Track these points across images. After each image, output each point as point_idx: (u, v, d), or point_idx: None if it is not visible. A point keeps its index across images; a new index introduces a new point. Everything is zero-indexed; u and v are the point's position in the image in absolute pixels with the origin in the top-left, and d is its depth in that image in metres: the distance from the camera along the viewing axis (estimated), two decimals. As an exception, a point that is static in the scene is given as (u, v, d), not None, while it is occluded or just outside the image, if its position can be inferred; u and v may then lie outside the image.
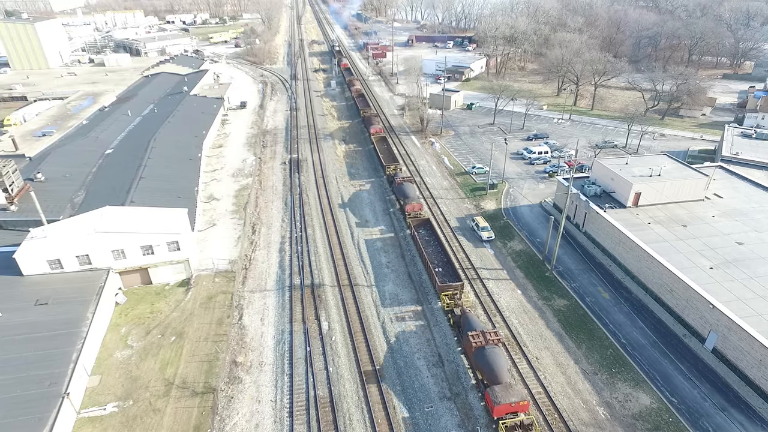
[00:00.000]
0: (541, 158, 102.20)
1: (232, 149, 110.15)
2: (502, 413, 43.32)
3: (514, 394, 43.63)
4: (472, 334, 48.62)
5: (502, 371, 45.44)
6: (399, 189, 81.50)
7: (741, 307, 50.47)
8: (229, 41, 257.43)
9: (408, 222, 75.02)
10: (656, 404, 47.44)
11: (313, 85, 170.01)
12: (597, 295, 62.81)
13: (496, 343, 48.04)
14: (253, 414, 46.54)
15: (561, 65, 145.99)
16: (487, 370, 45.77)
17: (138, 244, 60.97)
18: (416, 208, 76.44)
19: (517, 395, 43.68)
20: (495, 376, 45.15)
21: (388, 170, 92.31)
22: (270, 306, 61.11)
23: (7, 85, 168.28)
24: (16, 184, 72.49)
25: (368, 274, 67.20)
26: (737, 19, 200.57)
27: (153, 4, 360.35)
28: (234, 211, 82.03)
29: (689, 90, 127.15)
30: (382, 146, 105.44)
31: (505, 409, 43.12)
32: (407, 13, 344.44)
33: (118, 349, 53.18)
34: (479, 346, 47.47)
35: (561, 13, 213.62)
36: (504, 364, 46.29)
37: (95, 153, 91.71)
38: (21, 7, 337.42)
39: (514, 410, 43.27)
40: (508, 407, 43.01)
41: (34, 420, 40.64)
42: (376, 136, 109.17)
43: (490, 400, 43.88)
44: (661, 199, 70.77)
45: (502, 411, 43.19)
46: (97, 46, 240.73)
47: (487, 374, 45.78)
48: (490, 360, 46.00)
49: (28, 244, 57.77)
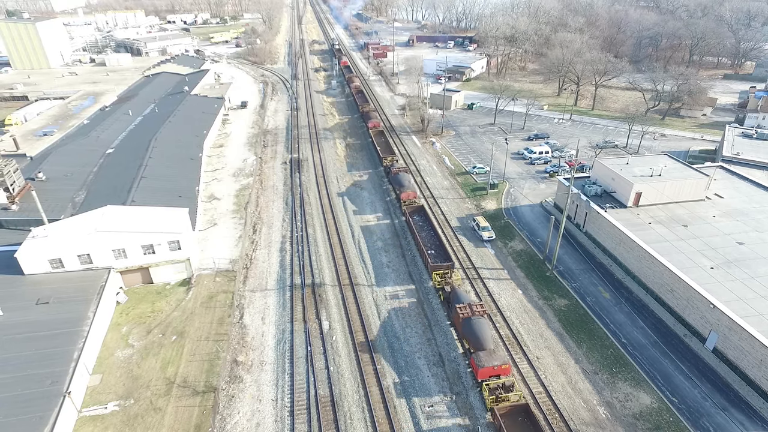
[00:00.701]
0: (542, 158, 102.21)
1: (232, 149, 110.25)
2: (485, 376, 46.85)
3: (497, 359, 47.37)
4: (460, 307, 52.31)
5: (486, 338, 49.28)
6: (395, 178, 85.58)
7: (742, 306, 50.48)
8: (229, 41, 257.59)
9: (403, 209, 78.00)
10: (657, 404, 47.46)
11: (314, 84, 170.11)
12: (598, 295, 62.84)
13: (482, 314, 51.74)
14: (254, 413, 46.60)
15: (562, 65, 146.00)
16: (472, 339, 49.49)
17: (139, 243, 61.05)
18: (411, 196, 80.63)
19: (500, 359, 47.42)
20: (480, 343, 48.96)
21: (385, 161, 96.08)
22: (271, 305, 61.18)
23: (8, 84, 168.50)
24: (17, 184, 72.58)
25: (369, 274, 67.27)
26: (738, 20, 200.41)
27: (154, 4, 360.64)
28: (235, 211, 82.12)
29: (690, 90, 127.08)
30: (380, 139, 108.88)
31: (489, 372, 46.80)
32: (408, 13, 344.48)
33: (119, 348, 53.26)
34: (466, 317, 51.11)
35: (562, 13, 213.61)
36: (488, 333, 50.02)
37: (96, 152, 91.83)
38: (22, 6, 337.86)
39: (496, 373, 47.01)
40: (491, 370, 46.73)
41: (35, 419, 40.73)
42: (374, 130, 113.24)
43: (475, 364, 47.49)
44: (661, 199, 70.77)
45: (486, 374, 46.84)
46: (98, 46, 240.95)
47: (472, 342, 49.50)
48: (476, 329, 49.71)
49: (30, 243, 57.85)
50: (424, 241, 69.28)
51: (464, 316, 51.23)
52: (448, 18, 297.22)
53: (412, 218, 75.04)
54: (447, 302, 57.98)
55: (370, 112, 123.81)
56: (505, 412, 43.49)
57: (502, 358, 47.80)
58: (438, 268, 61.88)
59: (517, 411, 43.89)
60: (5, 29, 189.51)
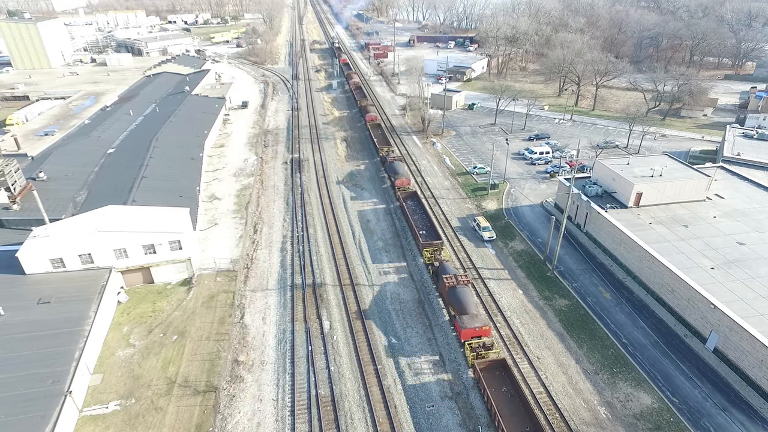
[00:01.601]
0: (543, 158, 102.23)
1: (233, 149, 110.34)
2: (468, 336, 51.60)
3: (478, 321, 52.07)
4: (446, 277, 57.24)
5: (469, 304, 54.10)
6: (390, 167, 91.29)
7: (742, 307, 50.48)
8: (230, 41, 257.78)
9: (397, 194, 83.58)
10: (657, 404, 47.48)
11: (315, 84, 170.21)
12: (598, 295, 62.85)
13: (466, 283, 56.71)
14: (255, 413, 46.66)
15: (562, 66, 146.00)
16: (457, 304, 54.45)
17: (140, 243, 61.14)
18: (405, 182, 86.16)
19: (480, 321, 52.17)
20: (463, 308, 53.67)
21: (381, 152, 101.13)
22: (271, 305, 61.23)
23: (9, 84, 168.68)
24: (18, 184, 72.67)
25: (370, 274, 67.33)
26: (739, 20, 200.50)
27: (155, 4, 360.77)
28: (235, 211, 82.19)
29: (691, 90, 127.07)
30: (377, 132, 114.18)
31: (471, 333, 51.49)
32: (408, 13, 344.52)
33: (120, 348, 53.33)
34: (452, 286, 56.03)
35: (562, 14, 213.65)
36: (471, 299, 54.85)
37: (97, 152, 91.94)
38: (23, 6, 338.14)
39: (478, 334, 51.75)
40: (472, 331, 51.42)
41: (36, 418, 40.82)
42: (371, 123, 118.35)
43: (458, 326, 52.26)
44: (662, 200, 70.78)
45: (468, 335, 51.59)
46: (99, 46, 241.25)
47: (457, 307, 54.34)
48: (460, 296, 54.78)
49: (31, 243, 57.94)
50: (416, 222, 74.74)
51: (450, 285, 56.10)
52: (448, 18, 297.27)
53: (406, 203, 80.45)
54: (435, 275, 62.61)
55: (367, 106, 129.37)
56: (484, 366, 48.13)
57: (483, 320, 52.33)
58: (428, 246, 67.07)
59: (495, 366, 48.70)
60: (6, 29, 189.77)
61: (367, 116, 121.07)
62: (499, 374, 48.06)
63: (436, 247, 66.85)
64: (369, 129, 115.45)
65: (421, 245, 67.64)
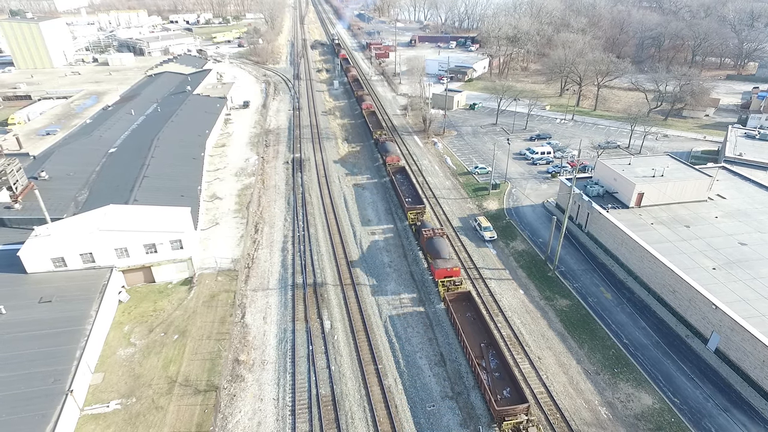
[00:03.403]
0: (544, 158, 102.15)
1: (235, 148, 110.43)
2: (441, 276, 60.86)
3: (450, 263, 61.56)
4: (425, 230, 67.68)
5: (442, 250, 63.86)
6: (382, 146, 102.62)
7: (744, 307, 50.39)
8: (232, 41, 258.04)
9: (388, 169, 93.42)
10: (658, 405, 47.40)
11: (316, 84, 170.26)
12: (599, 296, 62.77)
13: (441, 235, 67.39)
14: (256, 412, 46.68)
15: (564, 66, 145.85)
16: (432, 251, 64.32)
17: (141, 242, 61.22)
18: (394, 159, 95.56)
19: (452, 264, 61.58)
20: (438, 254, 63.45)
21: (375, 135, 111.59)
22: (272, 304, 61.26)
23: (11, 84, 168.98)
24: (20, 183, 72.68)
25: (370, 274, 67.32)
26: (741, 20, 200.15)
27: (157, 4, 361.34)
28: (237, 210, 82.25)
29: (692, 91, 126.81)
30: (372, 119, 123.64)
31: (443, 273, 60.78)
32: (410, 13, 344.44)
33: (121, 347, 53.41)
34: (429, 237, 66.46)
35: (564, 14, 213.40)
36: (445, 247, 64.44)
37: (99, 152, 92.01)
38: (25, 6, 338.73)
39: (449, 274, 60.92)
40: (445, 271, 60.79)
41: (37, 416, 40.90)
42: (366, 110, 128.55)
43: (433, 268, 61.99)
44: (664, 200, 70.69)
45: (442, 274, 60.83)
46: (101, 46, 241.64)
47: (432, 254, 64.08)
48: (435, 244, 64.78)
49: (32, 242, 58.05)
50: (403, 192, 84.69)
51: (427, 236, 66.56)
52: (450, 18, 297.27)
53: (395, 176, 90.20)
54: (417, 232, 71.81)
55: (363, 96, 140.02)
56: (453, 298, 57.54)
57: (453, 263, 61.90)
58: (412, 209, 77.05)
59: (462, 297, 57.99)
60: (9, 29, 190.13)
61: (363, 104, 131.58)
62: (465, 304, 57.47)
63: (419, 210, 76.94)
64: (365, 116, 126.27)
65: (406, 209, 77.77)
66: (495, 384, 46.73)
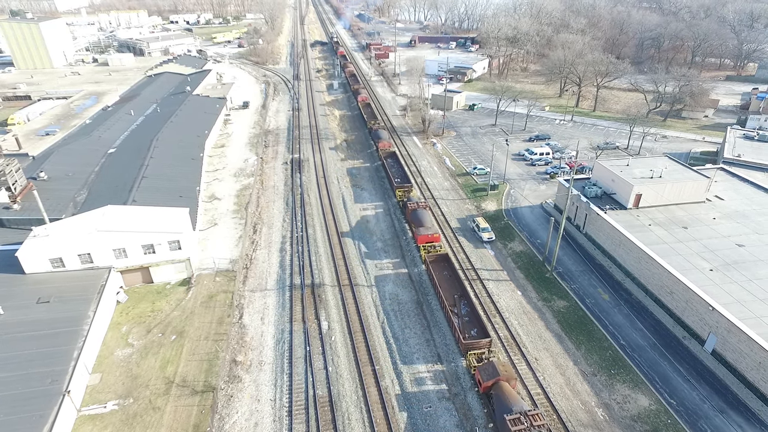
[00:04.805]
0: (543, 159, 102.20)
1: (234, 149, 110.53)
2: (423, 241, 68.82)
3: (430, 230, 69.82)
4: (410, 204, 76.72)
5: (425, 220, 72.51)
6: (375, 134, 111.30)
7: (740, 309, 50.44)
8: (232, 41, 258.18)
9: (379, 154, 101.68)
10: (655, 406, 47.46)
11: (316, 85, 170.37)
12: (597, 297, 62.83)
13: (424, 207, 76.55)
14: (253, 413, 46.76)
15: (563, 66, 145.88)
16: (416, 221, 72.74)
17: (139, 243, 61.31)
18: (386, 145, 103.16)
19: (432, 231, 70.01)
20: (420, 223, 71.90)
21: (369, 125, 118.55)
22: (270, 305, 61.35)
23: (11, 84, 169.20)
24: (19, 183, 72.91)
25: (368, 275, 67.43)
26: (741, 21, 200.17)
27: (157, 4, 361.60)
28: (235, 211, 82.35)
29: (692, 92, 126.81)
30: (367, 110, 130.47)
31: (425, 239, 68.81)
32: (410, 13, 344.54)
33: (118, 348, 53.49)
34: (413, 209, 75.52)
35: (564, 14, 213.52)
36: (427, 218, 73.55)
37: (98, 152, 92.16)
38: (26, 6, 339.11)
39: (430, 240, 69.00)
40: (426, 237, 68.80)
41: (35, 417, 40.97)
42: (362, 103, 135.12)
43: (416, 235, 69.67)
44: (661, 201, 70.73)
45: (423, 240, 68.83)
46: (101, 46, 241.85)
47: (416, 223, 72.32)
48: (419, 215, 73.72)
49: (31, 242, 58.14)
50: (393, 174, 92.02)
51: (412, 208, 75.73)
52: (450, 19, 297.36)
53: (386, 161, 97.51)
54: (404, 206, 80.00)
55: (359, 89, 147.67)
56: (432, 260, 65.17)
57: (434, 230, 70.64)
58: (400, 188, 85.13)
59: (440, 258, 65.66)
60: (8, 29, 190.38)
61: (359, 97, 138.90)
62: (442, 264, 64.99)
63: (406, 188, 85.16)
64: (360, 108, 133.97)
65: (395, 187, 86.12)
66: (464, 326, 54.87)
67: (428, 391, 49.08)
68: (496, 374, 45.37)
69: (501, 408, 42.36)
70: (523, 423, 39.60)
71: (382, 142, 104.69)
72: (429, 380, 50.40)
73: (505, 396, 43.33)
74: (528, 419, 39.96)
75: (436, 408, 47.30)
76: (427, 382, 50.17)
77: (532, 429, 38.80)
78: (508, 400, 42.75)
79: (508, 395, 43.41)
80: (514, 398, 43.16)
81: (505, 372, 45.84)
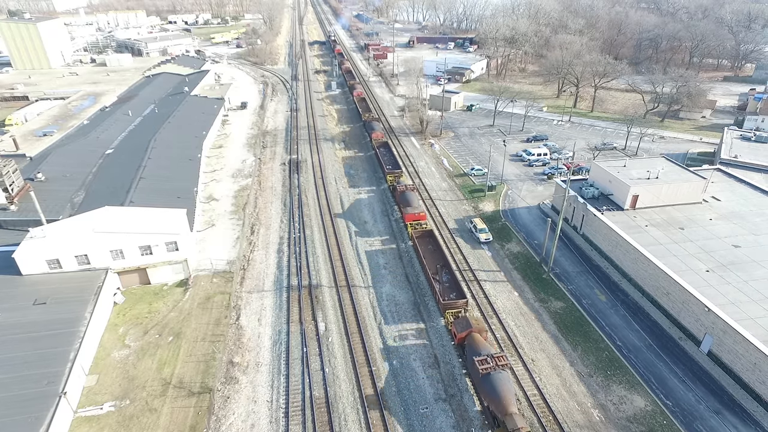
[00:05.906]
0: (540, 160, 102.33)
1: (232, 150, 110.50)
2: (410, 220, 74.76)
3: (417, 210, 75.73)
4: (399, 187, 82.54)
5: (412, 201, 78.08)
6: (368, 125, 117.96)
7: (736, 310, 50.64)
8: (230, 42, 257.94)
9: (373, 144, 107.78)
10: (651, 407, 47.57)
11: (314, 86, 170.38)
12: (593, 298, 62.94)
13: (412, 189, 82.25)
14: (249, 414, 46.79)
15: (561, 67, 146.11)
16: (404, 202, 78.39)
17: (136, 244, 61.30)
18: (379, 136, 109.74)
19: (418, 210, 75.95)
20: (408, 203, 77.71)
21: (364, 117, 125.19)
22: (267, 307, 61.37)
23: (8, 84, 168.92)
24: (16, 184, 72.85)
25: (365, 275, 67.47)
26: (738, 22, 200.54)
27: (155, 5, 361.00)
28: (233, 212, 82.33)
29: (689, 92, 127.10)
30: (363, 105, 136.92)
31: (412, 217, 74.82)
32: (408, 14, 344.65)
33: (115, 349, 53.47)
34: (402, 191, 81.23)
35: (562, 15, 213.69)
36: (414, 199, 78.74)
37: (96, 153, 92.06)
38: (24, 6, 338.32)
39: (417, 218, 74.81)
40: (413, 216, 74.84)
41: (31, 419, 40.94)
42: (357, 97, 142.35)
43: (404, 213, 75.95)
44: (658, 202, 70.92)
45: (410, 218, 74.81)
46: (99, 46, 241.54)
47: (403, 204, 78.15)
48: (407, 197, 79.24)
49: (28, 243, 58.12)
50: (385, 161, 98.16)
51: (401, 191, 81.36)
52: (448, 19, 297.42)
53: (379, 150, 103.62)
54: (394, 189, 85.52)
55: (355, 84, 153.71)
56: (418, 236, 71.45)
57: (420, 209, 76.49)
58: (391, 173, 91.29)
59: (425, 234, 71.95)
60: (6, 29, 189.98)
61: (355, 92, 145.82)
62: (427, 239, 70.87)
63: (396, 174, 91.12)
64: (356, 102, 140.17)
65: (386, 173, 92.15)
66: (444, 290, 60.62)
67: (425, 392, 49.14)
68: (469, 326, 51.61)
69: (471, 353, 48.24)
70: (489, 363, 45.47)
71: (375, 132, 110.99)
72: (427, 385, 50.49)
73: (475, 344, 49.25)
74: (494, 360, 45.70)
75: (432, 409, 47.35)
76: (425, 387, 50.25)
77: (497, 368, 44.80)
78: (478, 346, 48.69)
79: (478, 343, 49.40)
80: (483, 345, 48.96)
81: (477, 325, 52.07)
